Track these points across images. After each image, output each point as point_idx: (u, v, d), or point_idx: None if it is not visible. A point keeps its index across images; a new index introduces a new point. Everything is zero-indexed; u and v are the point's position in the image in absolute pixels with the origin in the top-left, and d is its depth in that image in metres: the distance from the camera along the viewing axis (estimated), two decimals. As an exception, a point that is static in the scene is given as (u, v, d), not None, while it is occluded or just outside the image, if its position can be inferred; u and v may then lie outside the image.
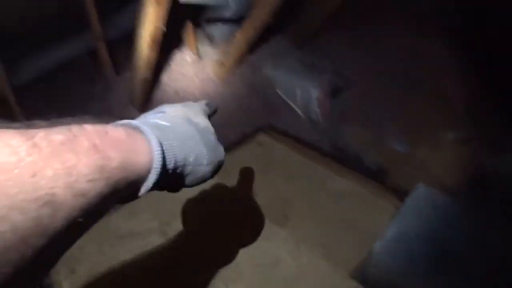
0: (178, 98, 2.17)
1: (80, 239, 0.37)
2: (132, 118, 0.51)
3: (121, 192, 0.39)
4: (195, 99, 2.12)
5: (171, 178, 0.49)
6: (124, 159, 0.38)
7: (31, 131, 0.32)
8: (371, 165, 1.87)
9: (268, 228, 1.25)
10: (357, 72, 2.33)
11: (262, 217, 1.26)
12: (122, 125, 0.45)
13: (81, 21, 2.15)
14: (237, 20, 2.36)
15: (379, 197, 1.41)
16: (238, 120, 2.07)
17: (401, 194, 1.43)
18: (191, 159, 0.51)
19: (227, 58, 2.29)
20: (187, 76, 2.32)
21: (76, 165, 0.32)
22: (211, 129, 0.60)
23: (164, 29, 1.64)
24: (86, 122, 0.38)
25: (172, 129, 0.51)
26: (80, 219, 0.32)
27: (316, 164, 1.57)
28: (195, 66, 2.38)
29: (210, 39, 2.55)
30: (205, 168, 0.54)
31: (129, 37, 2.42)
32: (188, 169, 0.51)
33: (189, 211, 1.26)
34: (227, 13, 2.34)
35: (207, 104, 0.67)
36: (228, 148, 1.70)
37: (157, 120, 0.52)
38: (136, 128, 0.45)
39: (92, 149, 0.35)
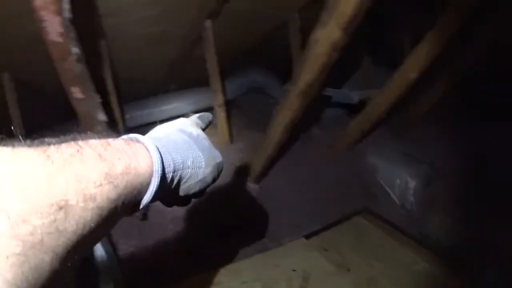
0: (287, 173, 2.36)
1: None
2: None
3: (127, 197, 0.42)
4: (302, 175, 2.29)
5: (173, 184, 0.52)
6: (126, 164, 0.42)
7: (44, 146, 0.36)
8: (451, 249, 1.92)
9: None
10: (444, 163, 2.40)
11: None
12: (121, 138, 0.48)
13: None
14: (348, 106, 2.56)
15: (456, 279, 1.54)
16: (338, 200, 2.23)
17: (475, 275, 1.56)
18: (189, 163, 0.53)
19: (336, 142, 2.48)
20: (296, 153, 2.52)
21: (85, 173, 0.36)
22: (204, 135, 0.62)
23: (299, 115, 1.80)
24: (89, 137, 0.42)
25: (167, 138, 0.54)
26: (92, 223, 0.36)
27: (403, 247, 1.73)
28: (304, 145, 2.60)
29: (321, 122, 2.72)
30: (204, 170, 0.56)
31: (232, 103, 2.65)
32: (188, 172, 0.53)
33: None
34: (343, 100, 2.53)
35: (199, 117, 0.68)
36: (326, 227, 1.84)
37: (151, 134, 0.56)
38: (134, 139, 0.49)
39: (98, 158, 0.39)
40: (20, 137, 0.36)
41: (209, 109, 2.37)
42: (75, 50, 1.25)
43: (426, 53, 1.74)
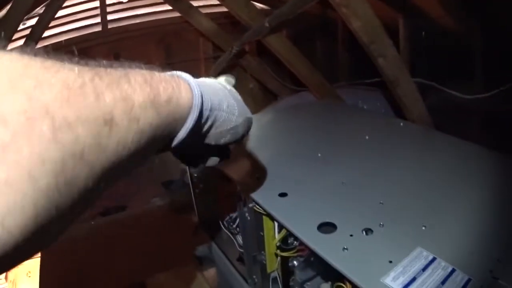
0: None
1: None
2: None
3: (166, 128, 0.42)
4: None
5: (206, 126, 0.52)
6: (170, 94, 0.42)
7: (92, 65, 0.35)
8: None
9: None
10: None
11: None
12: (165, 73, 0.48)
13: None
14: None
15: None
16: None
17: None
18: (224, 106, 0.54)
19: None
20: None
21: (132, 94, 0.36)
22: (236, 91, 0.63)
23: None
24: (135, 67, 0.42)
25: (206, 82, 0.55)
26: (131, 146, 0.35)
27: None
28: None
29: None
30: (237, 119, 0.56)
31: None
32: (222, 116, 0.54)
33: None
34: None
35: (226, 80, 0.69)
36: None
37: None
38: (176, 74, 0.49)
39: (145, 83, 0.39)
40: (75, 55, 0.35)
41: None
42: None
43: None
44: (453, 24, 1.93)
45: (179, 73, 0.50)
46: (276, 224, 0.87)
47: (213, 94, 0.53)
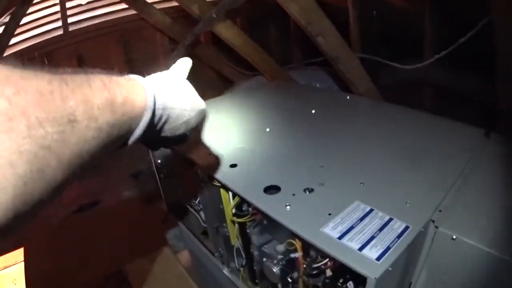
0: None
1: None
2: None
3: (122, 127, 0.48)
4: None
5: (160, 123, 0.59)
6: (126, 97, 0.48)
7: (60, 73, 0.41)
8: None
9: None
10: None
11: None
12: (123, 76, 0.53)
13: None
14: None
15: None
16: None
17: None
18: (176, 103, 0.61)
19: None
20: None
21: (92, 97, 0.42)
22: (189, 84, 0.69)
23: None
24: (97, 72, 0.47)
25: (160, 81, 0.61)
26: (91, 141, 0.42)
27: None
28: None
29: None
30: (189, 113, 0.63)
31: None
32: (175, 112, 0.60)
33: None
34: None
35: (181, 67, 0.74)
36: None
37: (147, 77, 0.62)
38: (133, 78, 0.55)
39: (103, 87, 0.45)
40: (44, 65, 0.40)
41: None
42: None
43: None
44: (403, 3, 2.03)
45: (135, 76, 0.56)
46: (230, 194, 0.95)
47: (166, 93, 0.59)
